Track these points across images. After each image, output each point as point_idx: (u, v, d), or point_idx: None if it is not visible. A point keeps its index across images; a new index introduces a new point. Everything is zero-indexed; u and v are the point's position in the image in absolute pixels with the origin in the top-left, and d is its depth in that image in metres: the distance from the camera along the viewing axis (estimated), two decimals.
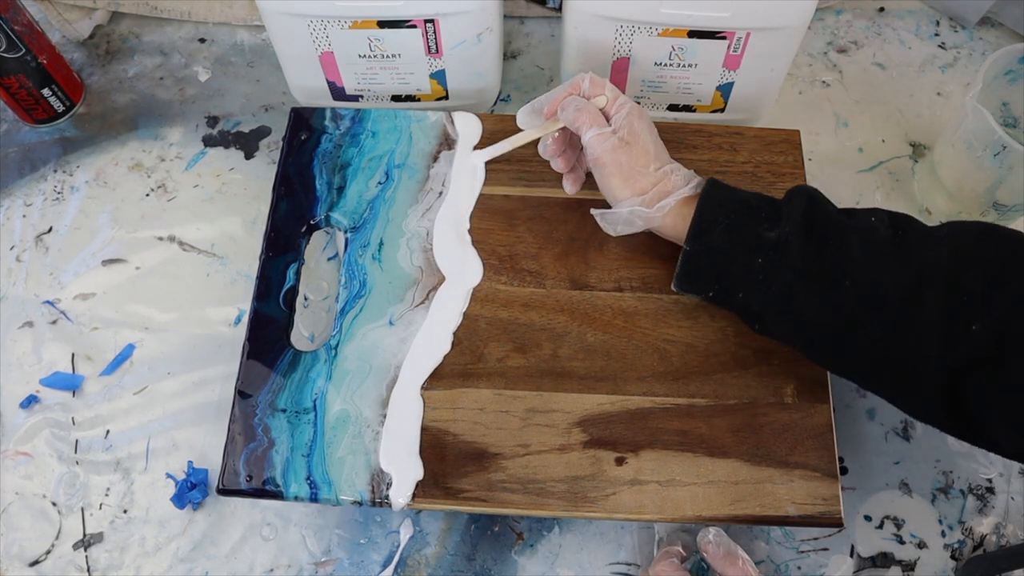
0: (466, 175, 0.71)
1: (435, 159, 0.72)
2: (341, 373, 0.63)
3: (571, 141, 0.68)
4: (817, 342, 0.57)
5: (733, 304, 0.60)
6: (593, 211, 0.66)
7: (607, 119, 0.64)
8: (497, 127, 0.73)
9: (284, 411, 0.62)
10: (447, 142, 0.73)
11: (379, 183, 0.71)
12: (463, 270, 0.67)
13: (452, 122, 0.74)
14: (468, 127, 0.73)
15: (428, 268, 0.67)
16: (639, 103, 0.71)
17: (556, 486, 0.60)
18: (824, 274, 0.55)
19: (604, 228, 0.66)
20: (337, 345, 0.64)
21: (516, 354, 0.64)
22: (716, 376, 0.64)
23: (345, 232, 0.69)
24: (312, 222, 0.69)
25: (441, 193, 0.70)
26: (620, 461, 0.61)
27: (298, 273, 0.68)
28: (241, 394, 0.62)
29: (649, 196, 0.62)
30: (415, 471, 0.60)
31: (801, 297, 0.55)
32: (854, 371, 0.57)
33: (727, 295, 0.60)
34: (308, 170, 0.71)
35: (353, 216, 0.69)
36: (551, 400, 0.63)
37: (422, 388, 0.63)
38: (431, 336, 0.65)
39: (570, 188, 0.69)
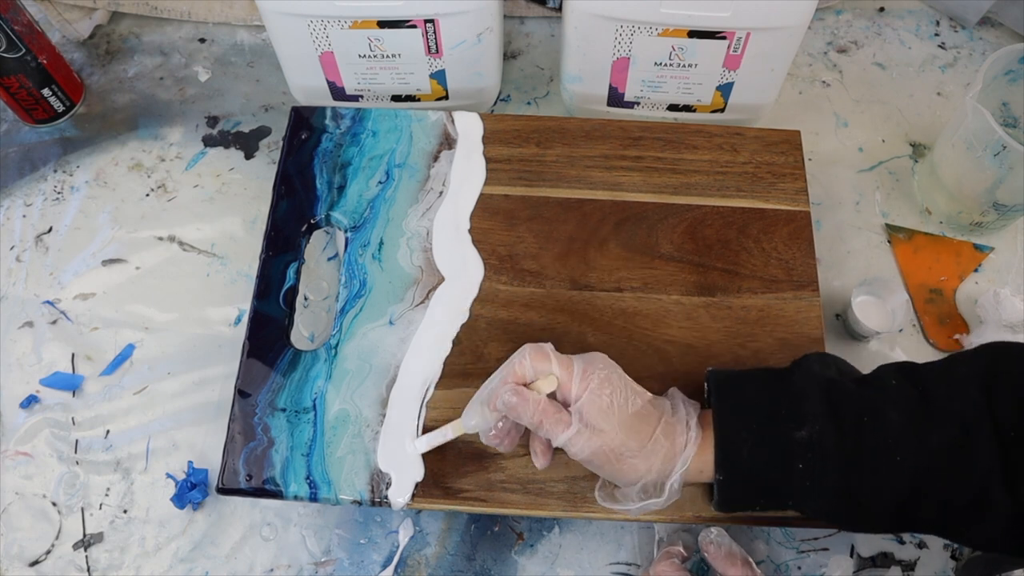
0: (466, 175, 0.71)
1: (435, 159, 0.72)
2: (341, 373, 0.63)
3: (515, 423, 0.57)
4: (880, 520, 0.53)
5: (785, 509, 0.56)
6: (601, 502, 0.57)
7: (566, 397, 0.55)
8: (498, 126, 0.73)
9: (284, 410, 0.62)
10: (448, 141, 0.73)
11: (379, 182, 0.71)
12: (463, 270, 0.67)
13: (453, 121, 0.74)
14: (469, 126, 0.73)
15: (428, 268, 0.67)
16: (600, 355, 0.56)
17: (555, 486, 0.60)
18: (871, 459, 0.51)
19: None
20: (337, 344, 0.64)
21: None
22: None
23: (345, 231, 0.69)
24: (312, 221, 0.69)
25: (441, 193, 0.70)
26: None
27: (298, 272, 0.68)
28: (241, 393, 0.62)
29: (653, 476, 0.54)
30: (415, 471, 0.60)
31: (855, 488, 0.52)
32: (922, 529, 0.55)
33: (776, 505, 0.55)
34: (308, 169, 0.71)
35: (353, 215, 0.69)
36: None
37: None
38: (431, 336, 0.65)
39: (540, 463, 0.57)
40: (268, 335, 0.65)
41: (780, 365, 0.58)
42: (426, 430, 0.61)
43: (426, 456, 0.60)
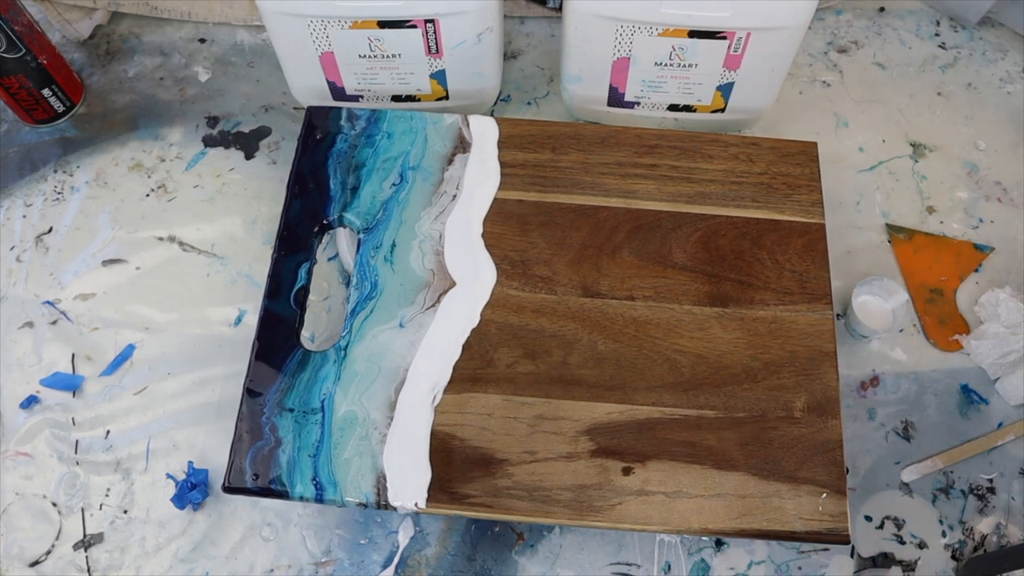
0: (480, 179, 0.71)
1: (450, 162, 0.72)
2: (350, 374, 0.63)
3: None
4: None
5: None
6: None
7: None
8: (513, 131, 0.73)
9: (292, 411, 0.61)
10: (462, 145, 0.72)
11: (393, 184, 0.70)
12: (475, 274, 0.67)
13: (468, 125, 0.73)
14: (484, 130, 0.73)
15: (440, 271, 0.67)
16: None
17: (562, 494, 0.60)
18: None
19: None
20: (346, 346, 0.64)
21: (526, 360, 0.64)
22: (726, 388, 0.63)
23: (358, 232, 0.69)
24: (325, 222, 0.69)
25: (455, 196, 0.70)
26: (627, 471, 0.60)
27: (309, 272, 0.67)
28: (249, 392, 0.62)
29: None
30: (422, 475, 0.60)
31: None
32: None
33: None
34: (322, 169, 0.71)
35: (366, 217, 0.69)
36: (559, 407, 0.62)
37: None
38: (441, 340, 0.64)
39: None
40: (278, 335, 0.64)
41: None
42: (433, 433, 0.61)
43: (433, 461, 0.60)
